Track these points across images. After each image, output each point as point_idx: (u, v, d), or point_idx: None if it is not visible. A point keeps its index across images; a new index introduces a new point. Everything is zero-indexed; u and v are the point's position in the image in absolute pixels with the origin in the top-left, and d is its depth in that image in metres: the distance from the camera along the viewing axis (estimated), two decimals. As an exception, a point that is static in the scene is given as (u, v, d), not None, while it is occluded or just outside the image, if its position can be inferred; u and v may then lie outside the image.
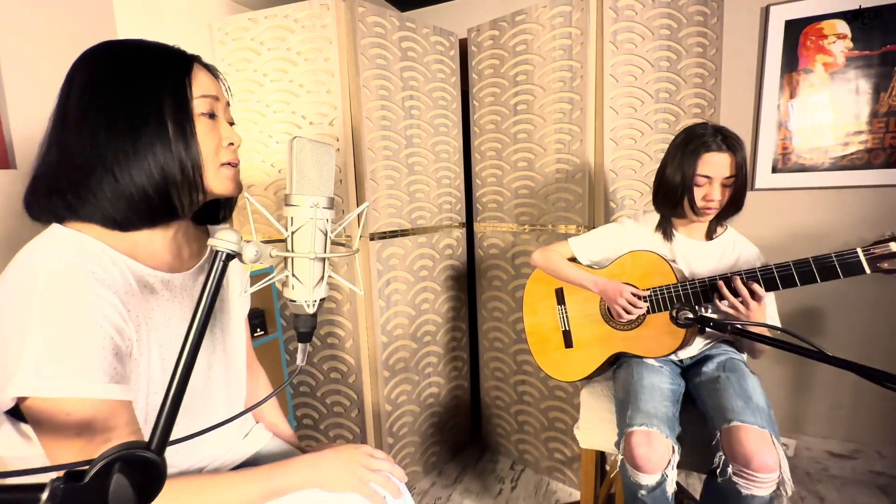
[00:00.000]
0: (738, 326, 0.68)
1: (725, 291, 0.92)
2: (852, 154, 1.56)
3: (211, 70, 0.59)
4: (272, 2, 1.67)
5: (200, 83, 0.56)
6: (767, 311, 0.99)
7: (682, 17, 1.43)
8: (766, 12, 1.61)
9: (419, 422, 1.71)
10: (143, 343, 0.54)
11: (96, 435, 0.47)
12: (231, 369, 0.69)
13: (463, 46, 1.74)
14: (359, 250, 0.54)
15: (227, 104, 0.60)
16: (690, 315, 0.75)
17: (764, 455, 0.81)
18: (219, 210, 0.68)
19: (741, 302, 0.91)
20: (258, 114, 1.51)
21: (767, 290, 0.91)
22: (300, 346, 0.53)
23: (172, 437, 0.50)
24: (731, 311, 0.95)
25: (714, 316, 0.98)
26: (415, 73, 1.57)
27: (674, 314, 0.79)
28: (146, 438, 0.38)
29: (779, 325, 0.90)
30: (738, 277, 0.92)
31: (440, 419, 1.80)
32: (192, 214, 0.60)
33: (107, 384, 0.47)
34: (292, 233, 0.48)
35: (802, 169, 1.63)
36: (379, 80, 1.47)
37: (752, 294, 0.91)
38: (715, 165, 0.97)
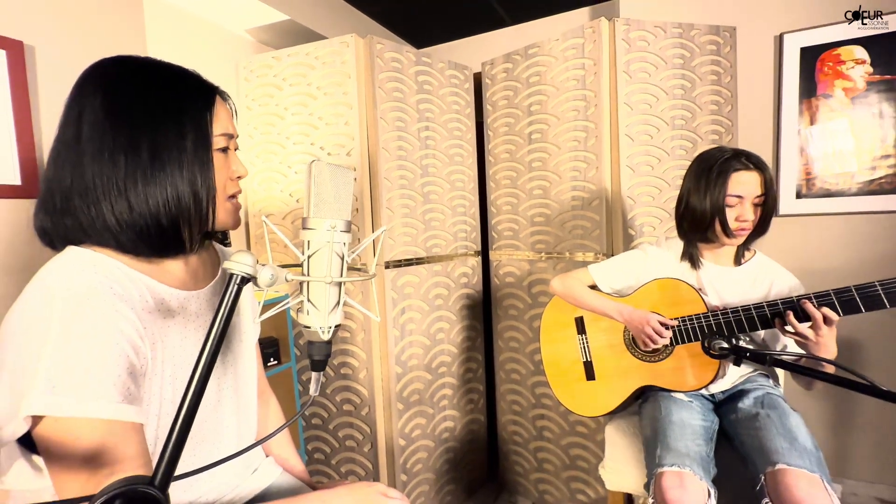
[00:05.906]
0: (779, 357, 0.63)
1: (792, 318, 0.85)
2: (881, 178, 1.52)
3: (228, 104, 0.60)
4: (295, 41, 1.75)
5: (221, 120, 0.56)
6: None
7: (695, 46, 1.44)
8: (780, 40, 1.61)
9: (434, 458, 1.64)
10: (158, 361, 0.52)
11: (103, 466, 0.45)
12: (241, 397, 0.67)
13: (477, 80, 1.78)
14: (375, 275, 0.53)
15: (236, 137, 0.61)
16: (725, 345, 0.70)
17: (817, 502, 0.74)
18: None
19: (810, 327, 0.84)
20: (278, 145, 1.55)
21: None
22: (314, 375, 0.51)
23: (179, 467, 0.48)
24: (797, 338, 0.87)
25: (751, 346, 0.91)
26: (430, 105, 1.61)
27: (706, 344, 0.74)
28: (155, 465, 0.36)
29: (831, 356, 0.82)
30: (807, 301, 0.85)
31: (455, 455, 1.72)
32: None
33: (119, 404, 0.46)
34: (308, 256, 0.48)
35: (828, 194, 1.58)
36: (395, 112, 1.50)
37: (825, 318, 0.83)
38: (745, 184, 0.95)
